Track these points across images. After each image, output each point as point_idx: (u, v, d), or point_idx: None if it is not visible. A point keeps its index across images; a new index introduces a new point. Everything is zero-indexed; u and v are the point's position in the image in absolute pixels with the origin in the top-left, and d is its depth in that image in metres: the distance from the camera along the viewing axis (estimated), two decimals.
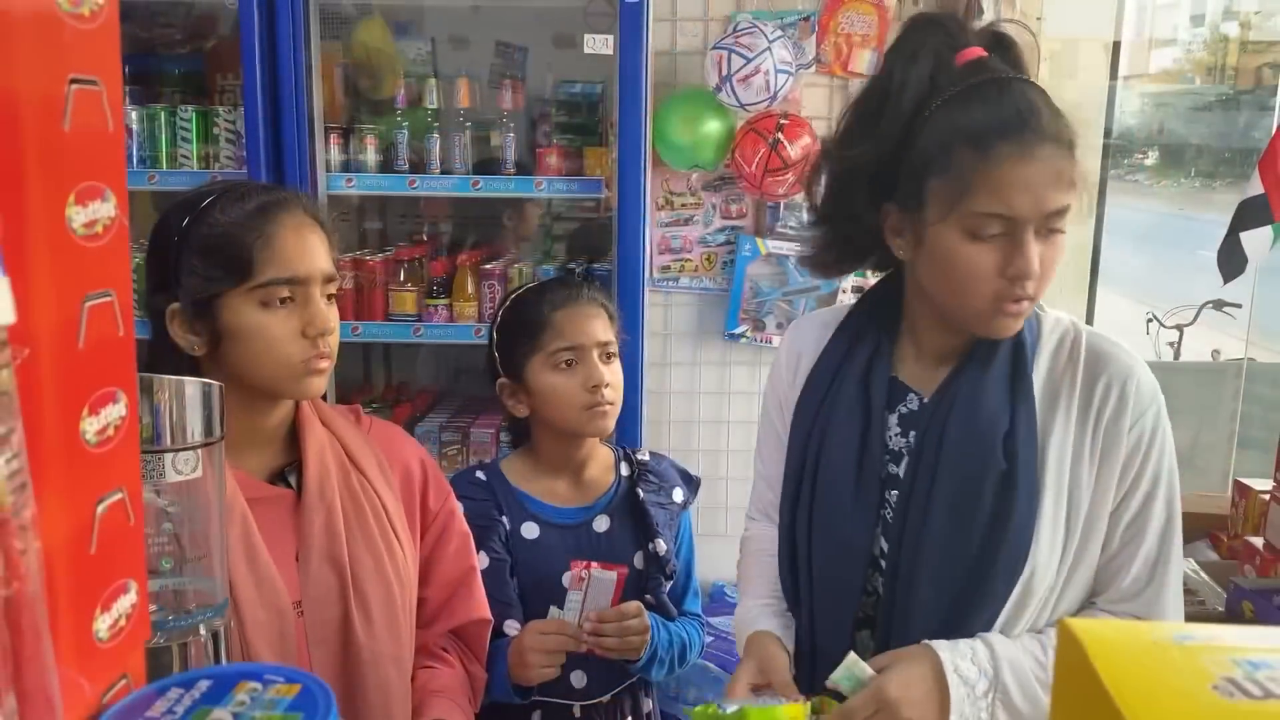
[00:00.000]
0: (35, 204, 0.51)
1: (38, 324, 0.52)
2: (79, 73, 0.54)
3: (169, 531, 0.87)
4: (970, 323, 1.27)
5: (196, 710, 0.58)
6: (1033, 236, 1.19)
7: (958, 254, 1.21)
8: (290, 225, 1.38)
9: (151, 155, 2.66)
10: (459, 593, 1.59)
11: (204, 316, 1.35)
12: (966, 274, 1.21)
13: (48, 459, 0.53)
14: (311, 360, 1.37)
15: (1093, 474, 1.27)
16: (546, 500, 1.78)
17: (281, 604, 1.37)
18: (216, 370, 1.38)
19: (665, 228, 2.89)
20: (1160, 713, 0.45)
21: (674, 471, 1.88)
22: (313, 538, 1.41)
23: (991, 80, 1.23)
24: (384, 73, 2.87)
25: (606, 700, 1.77)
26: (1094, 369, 1.29)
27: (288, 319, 1.36)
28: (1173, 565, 1.29)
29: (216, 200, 1.38)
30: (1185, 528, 2.19)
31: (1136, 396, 1.26)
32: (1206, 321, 5.05)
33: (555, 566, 1.72)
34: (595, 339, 1.72)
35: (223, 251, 1.34)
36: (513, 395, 1.77)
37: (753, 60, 2.57)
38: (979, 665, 1.24)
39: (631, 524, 1.79)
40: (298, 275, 1.36)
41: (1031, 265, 1.19)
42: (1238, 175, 8.56)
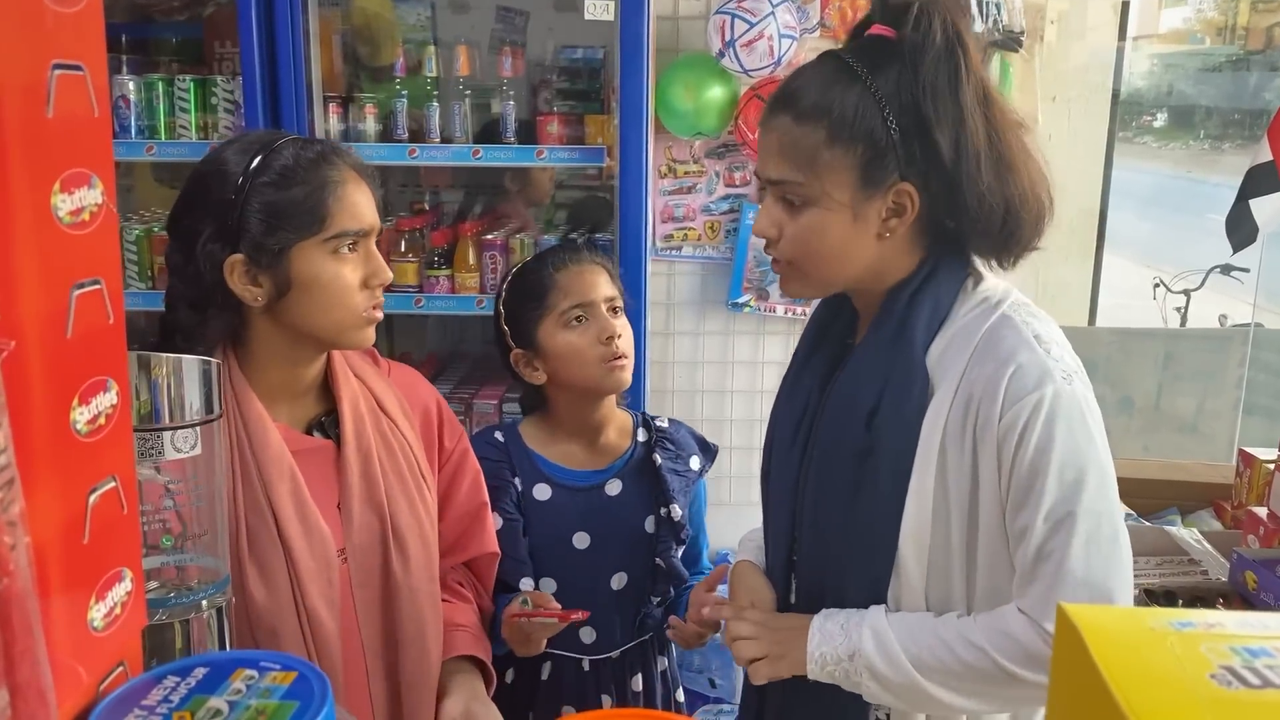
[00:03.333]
0: (19, 193, 0.51)
1: (24, 315, 0.51)
2: (62, 58, 0.53)
3: (170, 509, 0.87)
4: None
5: (193, 698, 0.58)
6: (771, 199, 1.29)
7: None
8: (350, 177, 1.43)
9: (149, 125, 2.64)
10: (471, 527, 1.65)
11: (270, 267, 1.38)
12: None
13: (38, 450, 0.53)
14: (371, 310, 1.43)
15: (967, 458, 1.24)
16: (561, 463, 1.81)
17: (329, 552, 1.43)
18: (269, 323, 1.42)
19: (668, 196, 2.87)
20: (1157, 702, 0.45)
21: (692, 439, 1.90)
22: (354, 487, 1.46)
23: (826, 52, 1.30)
24: (383, 39, 2.84)
25: (616, 656, 1.81)
26: (980, 354, 1.25)
27: (354, 269, 1.41)
28: (1068, 565, 1.18)
29: (276, 151, 1.40)
30: (1190, 496, 2.20)
31: (1011, 384, 1.20)
32: (1214, 286, 5.02)
33: (567, 529, 1.76)
34: (602, 294, 1.75)
35: (297, 203, 1.38)
36: (528, 364, 1.79)
37: (756, 25, 2.54)
38: (844, 627, 1.27)
39: (644, 488, 1.82)
40: (364, 226, 1.42)
41: (757, 223, 1.32)
42: (1247, 137, 8.49)
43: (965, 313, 1.30)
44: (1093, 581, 1.19)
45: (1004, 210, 1.25)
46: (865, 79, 1.23)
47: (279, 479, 1.40)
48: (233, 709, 0.56)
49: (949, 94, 1.22)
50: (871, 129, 1.22)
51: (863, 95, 1.23)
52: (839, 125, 1.22)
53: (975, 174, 1.23)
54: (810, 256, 1.29)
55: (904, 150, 1.23)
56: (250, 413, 1.40)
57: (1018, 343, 1.24)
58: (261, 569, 1.39)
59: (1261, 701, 0.45)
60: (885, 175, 1.24)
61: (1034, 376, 1.21)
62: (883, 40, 1.26)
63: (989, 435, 1.22)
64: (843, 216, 1.25)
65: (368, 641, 1.49)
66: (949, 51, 1.22)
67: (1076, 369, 1.26)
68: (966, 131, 1.22)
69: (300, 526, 1.40)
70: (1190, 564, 1.80)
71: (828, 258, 1.28)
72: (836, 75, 1.25)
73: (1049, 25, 3.03)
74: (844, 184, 1.24)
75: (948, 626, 1.25)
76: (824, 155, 1.23)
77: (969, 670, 1.23)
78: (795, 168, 1.25)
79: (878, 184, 1.24)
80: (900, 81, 1.22)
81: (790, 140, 1.25)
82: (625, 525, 1.80)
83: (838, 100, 1.23)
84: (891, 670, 1.25)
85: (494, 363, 2.92)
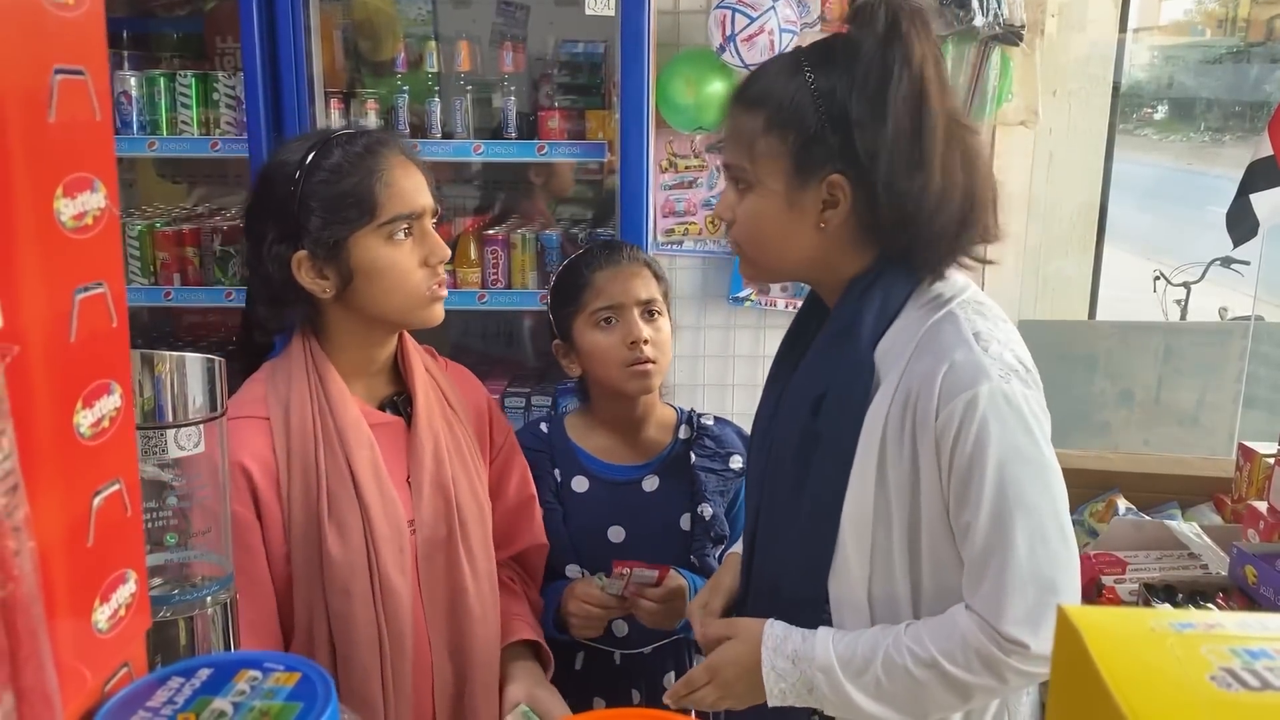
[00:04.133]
0: (22, 198, 0.51)
1: (28, 319, 0.51)
2: (64, 63, 0.53)
3: (174, 506, 0.87)
4: None
5: (197, 699, 0.58)
6: (729, 184, 1.34)
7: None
8: (398, 163, 1.49)
9: (151, 121, 2.64)
10: (521, 520, 1.72)
11: (332, 259, 1.44)
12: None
13: (42, 454, 0.53)
14: (434, 288, 1.50)
15: (906, 452, 1.24)
16: (601, 457, 1.83)
17: (401, 523, 1.50)
18: (341, 310, 1.49)
19: (669, 190, 2.87)
20: (1157, 704, 0.45)
21: (736, 438, 1.89)
22: (424, 463, 1.54)
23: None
24: (384, 34, 2.84)
25: (648, 652, 1.82)
26: (922, 348, 1.26)
27: (412, 252, 1.48)
28: (1013, 562, 1.18)
29: (324, 149, 1.46)
30: (1190, 490, 2.20)
31: (945, 382, 1.21)
32: (1214, 278, 5.02)
33: (601, 521, 1.80)
34: (635, 297, 1.76)
35: (348, 195, 1.44)
36: (566, 356, 1.83)
37: (757, 19, 2.54)
38: (795, 663, 1.28)
39: (682, 486, 1.82)
40: (415, 210, 1.48)
41: (716, 207, 1.38)
42: (1247, 130, 8.48)
43: (914, 308, 1.31)
44: (1039, 577, 1.19)
45: (930, 217, 1.25)
46: (806, 73, 1.26)
47: (358, 446, 1.47)
48: (237, 710, 0.57)
49: (876, 91, 1.23)
50: (802, 118, 1.25)
51: (800, 87, 1.26)
52: (774, 113, 1.27)
53: (889, 172, 1.24)
54: (753, 241, 1.33)
55: (835, 143, 1.25)
56: (332, 386, 1.49)
57: (955, 340, 1.24)
58: (340, 529, 1.45)
59: (1261, 703, 0.45)
60: (816, 166, 1.26)
61: (968, 374, 1.21)
62: (838, 38, 1.30)
63: (927, 432, 1.23)
64: (777, 203, 1.29)
65: (430, 614, 1.54)
66: (885, 48, 1.23)
67: (1017, 367, 1.25)
68: (886, 130, 1.23)
69: (378, 495, 1.47)
70: (1190, 558, 1.80)
71: (767, 243, 1.33)
72: (784, 68, 1.29)
73: (1049, 18, 3.02)
74: (777, 171, 1.27)
75: (898, 648, 1.24)
76: (760, 142, 1.27)
77: (921, 689, 1.24)
78: (739, 153, 1.30)
79: (810, 174, 1.27)
80: (838, 77, 1.25)
81: (737, 126, 1.30)
82: (661, 522, 1.81)
83: (778, 90, 1.27)
84: (845, 708, 1.27)
85: (496, 357, 2.93)
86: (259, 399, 1.49)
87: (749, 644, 1.32)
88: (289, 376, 1.50)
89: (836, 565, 1.30)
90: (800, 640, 1.29)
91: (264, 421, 1.47)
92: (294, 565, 1.47)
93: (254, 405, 1.48)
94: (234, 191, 3.15)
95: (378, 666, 1.48)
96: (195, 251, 2.75)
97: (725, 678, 1.35)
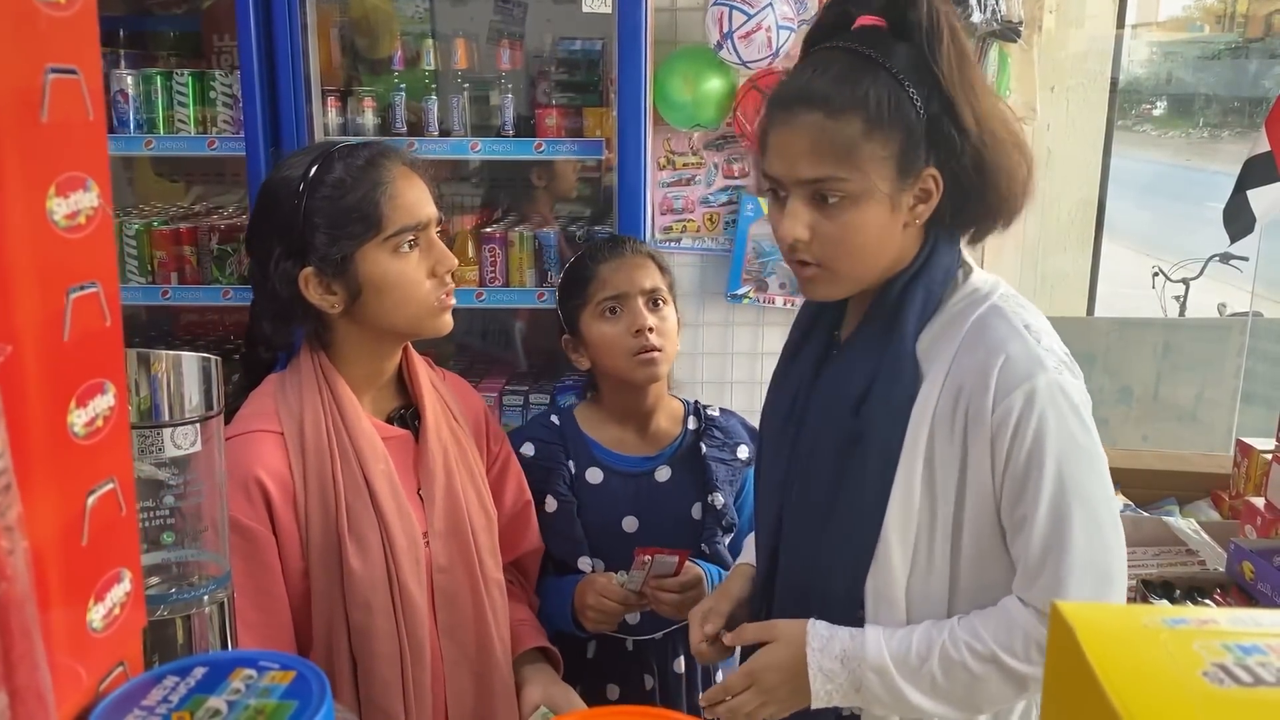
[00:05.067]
0: (14, 197, 0.51)
1: (21, 319, 0.51)
2: (56, 62, 0.53)
3: (170, 505, 0.87)
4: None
5: (192, 698, 0.58)
6: (799, 201, 1.25)
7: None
8: (400, 175, 1.49)
9: (148, 120, 2.64)
10: (519, 526, 1.74)
11: (340, 274, 1.44)
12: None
13: (36, 453, 0.53)
14: (443, 298, 1.51)
15: (956, 448, 1.24)
16: (613, 448, 1.86)
17: (416, 535, 1.51)
18: (349, 324, 1.50)
19: (667, 188, 2.87)
20: (1150, 700, 0.45)
21: (742, 429, 1.93)
22: (436, 475, 1.55)
23: (821, 49, 1.28)
24: (381, 32, 2.83)
25: (659, 638, 1.85)
26: (969, 342, 1.25)
27: (419, 263, 1.48)
28: (1072, 553, 1.20)
29: (326, 164, 1.46)
30: (1188, 487, 2.20)
31: (1002, 375, 1.21)
32: (1213, 274, 5.02)
33: (616, 512, 1.82)
34: (640, 286, 1.79)
35: (352, 210, 1.44)
36: (574, 349, 1.86)
37: (754, 16, 2.53)
38: (845, 663, 1.26)
39: (692, 476, 1.86)
40: (420, 221, 1.48)
41: (785, 227, 1.25)
42: (1246, 125, 8.47)
43: (955, 302, 1.30)
44: (1096, 566, 1.20)
45: (1014, 184, 1.27)
46: (886, 67, 1.21)
47: (374, 459, 1.48)
48: (232, 709, 0.57)
49: (962, 75, 1.22)
50: (904, 115, 1.21)
51: (890, 83, 1.21)
52: (876, 114, 1.20)
53: (1000, 151, 1.24)
54: (847, 253, 1.26)
55: (934, 134, 1.22)
56: (344, 400, 1.49)
57: (1008, 332, 1.24)
58: (359, 543, 1.46)
59: (1253, 699, 0.45)
60: (918, 161, 1.23)
61: (1024, 366, 1.21)
62: (877, 30, 1.25)
63: (981, 427, 1.22)
64: (883, 207, 1.23)
65: (446, 624, 1.55)
66: (954, 36, 1.23)
67: (1067, 359, 1.26)
68: (984, 110, 1.23)
69: (395, 508, 1.48)
70: (1188, 554, 1.81)
71: (865, 252, 1.26)
72: (856, 65, 1.23)
73: (1047, 14, 3.02)
74: (886, 175, 1.22)
75: (955, 643, 1.24)
76: (864, 147, 1.21)
77: (979, 683, 1.23)
78: (836, 163, 1.22)
79: (911, 171, 1.23)
80: (920, 67, 1.21)
81: (825, 137, 1.21)
82: (673, 511, 1.84)
83: (870, 90, 1.21)
84: (896, 706, 1.26)
85: (494, 356, 2.93)
86: (270, 413, 1.48)
87: (791, 646, 1.30)
88: (299, 391, 1.49)
89: (877, 564, 1.28)
90: (849, 640, 1.27)
91: (278, 436, 1.46)
92: (313, 580, 1.47)
93: (265, 419, 1.47)
94: (231, 190, 3.14)
95: (399, 679, 1.49)
96: (193, 250, 2.75)
97: (767, 683, 1.31)
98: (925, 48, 1.21)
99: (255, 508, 1.42)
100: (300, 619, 1.48)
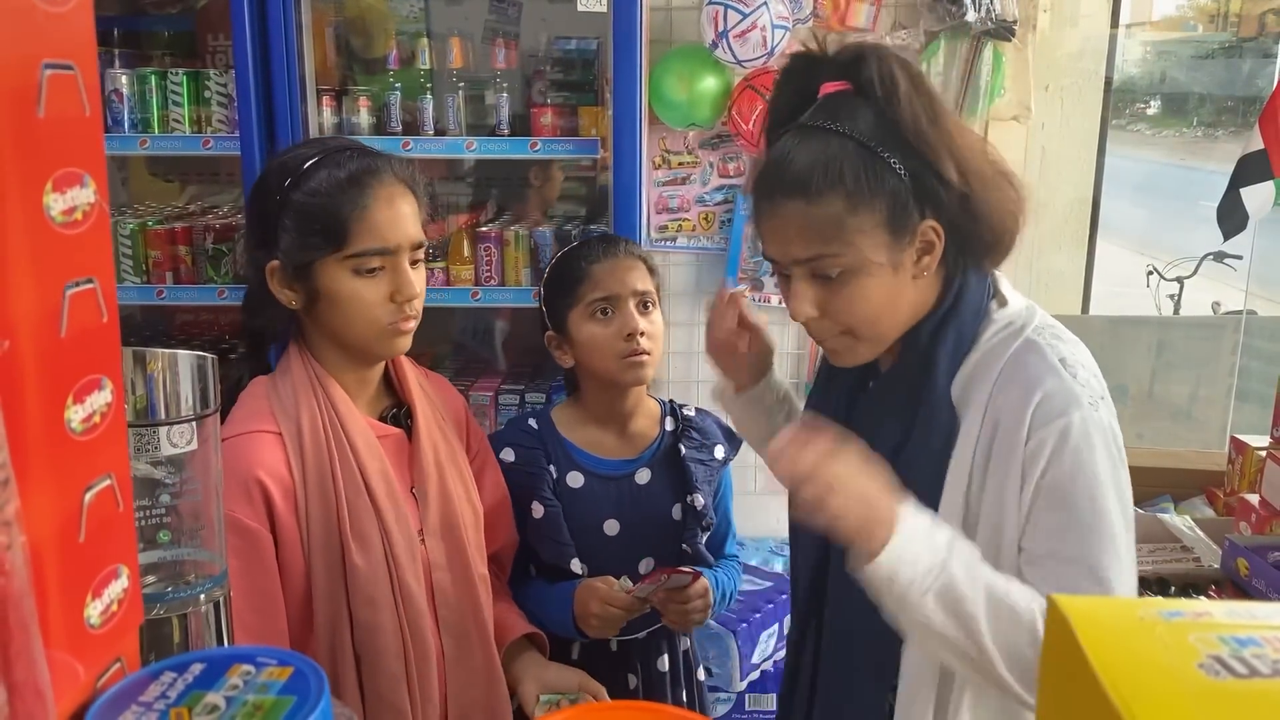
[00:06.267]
0: (11, 193, 0.51)
1: (18, 315, 0.51)
2: (53, 57, 0.53)
3: (166, 504, 0.87)
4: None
5: (190, 694, 0.58)
6: (802, 281, 1.25)
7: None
8: (383, 196, 1.46)
9: (143, 119, 2.64)
10: (496, 520, 1.73)
11: (300, 278, 1.45)
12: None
13: (33, 450, 0.53)
14: (398, 323, 1.48)
15: (992, 485, 1.23)
16: (593, 451, 1.85)
17: (412, 532, 1.52)
18: (312, 323, 1.50)
19: (662, 187, 2.87)
20: (1146, 692, 0.45)
21: (718, 429, 1.94)
22: (428, 473, 1.56)
23: (791, 130, 1.26)
24: (376, 31, 2.83)
25: (643, 637, 1.85)
26: (1005, 380, 1.24)
27: (378, 285, 1.46)
28: (1094, 586, 1.18)
29: (314, 166, 1.45)
30: (1183, 484, 2.21)
31: (1038, 411, 1.20)
32: (1207, 273, 5.03)
33: (598, 515, 1.81)
34: (631, 288, 1.77)
35: (319, 220, 1.43)
36: (559, 347, 1.83)
37: (749, 16, 2.54)
38: (933, 541, 1.17)
39: (672, 478, 1.85)
40: (388, 246, 1.45)
41: (793, 308, 1.27)
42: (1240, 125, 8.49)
43: (989, 338, 1.29)
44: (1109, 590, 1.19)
45: (1006, 217, 1.27)
46: (855, 137, 1.21)
47: (370, 458, 1.49)
48: (230, 704, 0.57)
49: (934, 124, 1.22)
50: (884, 181, 1.21)
51: (861, 153, 1.21)
52: (855, 190, 1.20)
53: (987, 190, 1.24)
54: (862, 321, 1.26)
55: (918, 191, 1.22)
56: (338, 400, 1.50)
57: (1043, 369, 1.23)
58: (361, 540, 1.47)
59: (1249, 691, 0.45)
60: (910, 220, 1.23)
61: (1060, 402, 1.20)
62: (842, 95, 1.25)
63: (1013, 460, 1.21)
64: (883, 273, 1.23)
65: (443, 619, 1.56)
66: (917, 88, 1.23)
67: (1102, 393, 1.25)
68: (962, 154, 1.23)
69: (392, 507, 1.49)
70: (1183, 551, 1.81)
71: (878, 317, 1.26)
72: (825, 143, 1.22)
73: (1041, 13, 3.03)
74: (878, 244, 1.22)
75: (1012, 582, 1.18)
76: (850, 222, 1.21)
77: (1018, 618, 1.16)
78: (824, 242, 1.22)
79: (905, 231, 1.23)
80: (886, 126, 1.22)
81: (807, 221, 1.22)
82: (654, 513, 1.84)
83: (843, 165, 1.20)
84: (948, 605, 1.15)
85: (489, 355, 2.92)
86: (265, 413, 1.48)
87: (887, 494, 1.17)
88: (293, 391, 1.49)
89: None
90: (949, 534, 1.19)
91: (276, 436, 1.46)
92: (314, 580, 1.47)
93: (261, 419, 1.47)
94: (226, 189, 3.14)
95: (404, 674, 1.50)
96: (188, 250, 2.75)
97: (853, 489, 1.15)
98: (891, 107, 1.22)
99: (256, 508, 1.42)
100: (297, 621, 1.48)
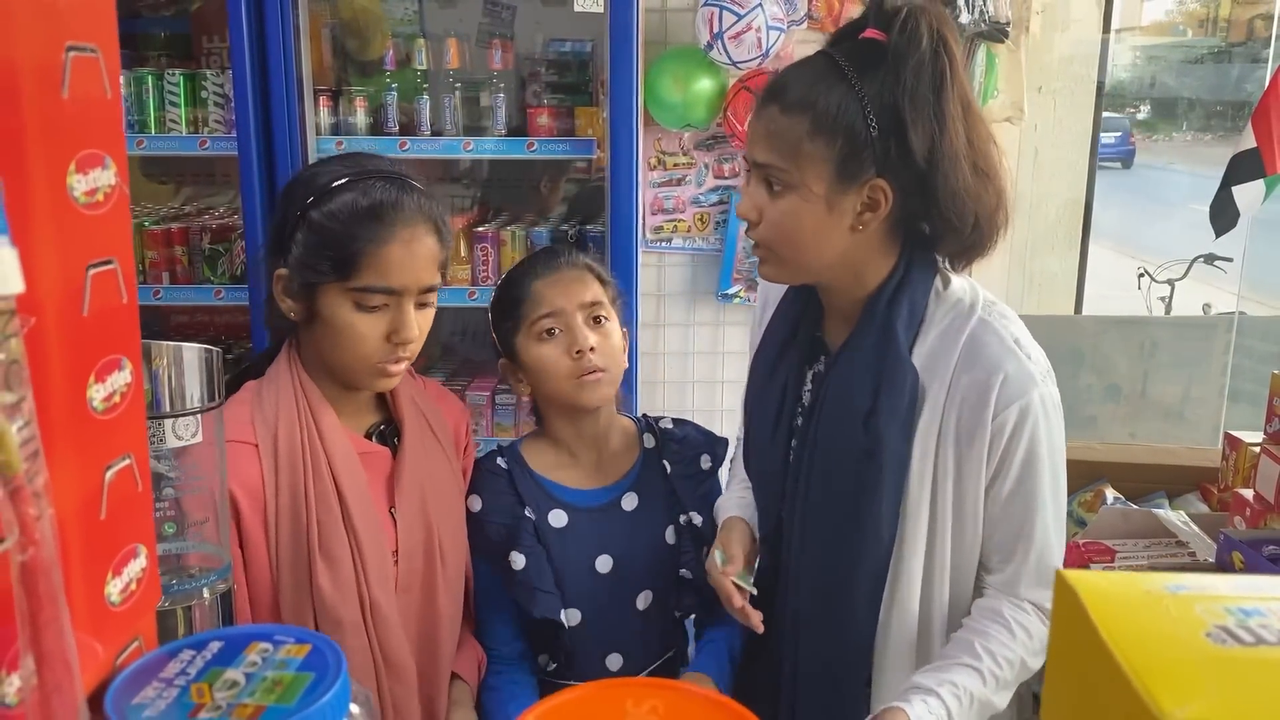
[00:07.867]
0: (37, 173, 0.51)
1: (43, 293, 0.52)
2: (76, 40, 0.54)
3: (171, 497, 0.87)
4: None
5: (209, 670, 0.59)
6: (755, 183, 1.34)
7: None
8: (403, 235, 1.42)
9: (139, 120, 2.64)
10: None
11: (303, 294, 1.43)
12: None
13: (57, 426, 0.53)
14: (387, 363, 1.44)
15: (956, 460, 1.32)
16: (570, 485, 1.69)
17: (385, 552, 1.48)
18: (308, 336, 1.47)
19: (658, 188, 2.88)
20: (1156, 660, 0.46)
21: (698, 436, 1.78)
22: (409, 495, 1.52)
23: (822, 50, 1.35)
24: (372, 33, 2.84)
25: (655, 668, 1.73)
26: (966, 360, 1.32)
27: (376, 323, 1.42)
28: (1036, 544, 1.33)
29: (341, 188, 1.42)
30: (1177, 480, 2.22)
31: (1001, 392, 1.29)
32: (1198, 275, 5.06)
33: (589, 553, 1.66)
34: (578, 301, 1.61)
35: (331, 246, 1.40)
36: (513, 375, 1.69)
37: (744, 17, 2.55)
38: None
39: (661, 498, 1.71)
40: (393, 287, 1.41)
41: (740, 204, 1.36)
42: (1230, 129, 8.53)
43: (942, 315, 1.36)
44: (1056, 555, 1.34)
45: (975, 215, 1.30)
46: (851, 79, 1.27)
47: (346, 474, 1.45)
48: (249, 680, 0.57)
49: (932, 98, 1.26)
50: (851, 125, 1.26)
51: (846, 94, 1.27)
52: (821, 119, 1.27)
53: (952, 176, 1.27)
54: (785, 241, 1.33)
55: (881, 148, 1.26)
56: (321, 414, 1.46)
57: (1002, 351, 1.31)
58: (329, 560, 1.43)
59: (1255, 658, 0.46)
60: (861, 170, 1.28)
61: (1020, 384, 1.30)
62: (874, 43, 1.29)
63: (978, 438, 1.31)
64: (817, 206, 1.29)
65: (414, 643, 1.52)
66: (934, 56, 1.26)
67: (1047, 367, 1.35)
68: (947, 135, 1.26)
69: (367, 522, 1.45)
70: (1178, 546, 1.82)
71: (801, 244, 1.32)
72: (825, 73, 1.29)
73: (1034, 16, 3.05)
74: (821, 175, 1.28)
75: (993, 681, 1.30)
76: (805, 146, 1.27)
77: (1013, 684, 1.33)
78: (779, 154, 1.29)
79: (853, 178, 1.28)
80: (885, 83, 1.26)
81: (776, 129, 1.29)
82: (647, 540, 1.68)
83: (822, 96, 1.27)
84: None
85: (486, 355, 2.91)
86: (245, 421, 1.44)
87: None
88: (276, 400, 1.46)
89: (894, 570, 1.36)
90: (936, 704, 1.26)
91: (252, 448, 1.42)
92: (281, 594, 1.43)
93: (240, 429, 1.42)
94: (222, 190, 3.14)
95: (374, 691, 1.47)
96: (184, 250, 2.75)
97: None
98: (896, 68, 1.25)
99: None
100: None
